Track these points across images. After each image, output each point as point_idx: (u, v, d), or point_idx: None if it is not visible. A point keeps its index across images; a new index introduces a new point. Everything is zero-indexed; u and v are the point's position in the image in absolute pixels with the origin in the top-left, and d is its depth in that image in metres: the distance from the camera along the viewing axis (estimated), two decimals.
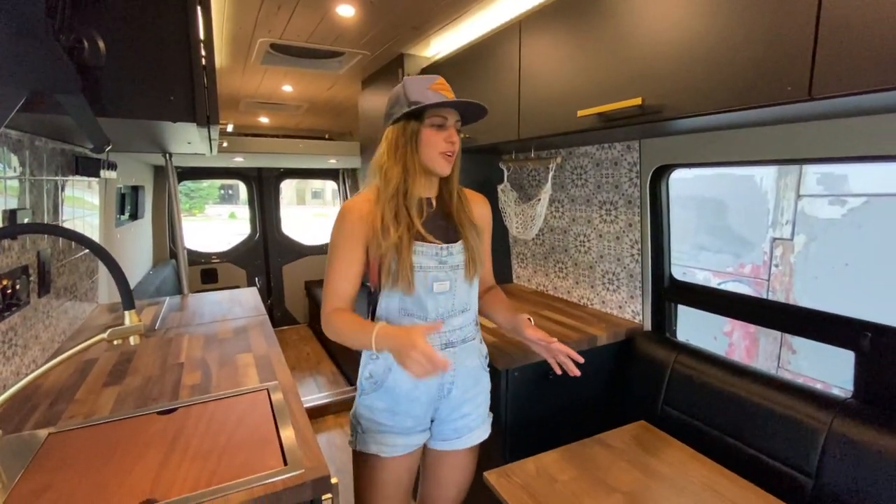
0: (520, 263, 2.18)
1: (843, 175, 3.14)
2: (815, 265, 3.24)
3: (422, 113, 1.00)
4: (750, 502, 0.98)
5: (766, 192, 3.58)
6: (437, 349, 1.04)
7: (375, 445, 1.08)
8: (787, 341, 3.40)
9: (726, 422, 1.22)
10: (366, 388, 1.09)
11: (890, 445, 0.94)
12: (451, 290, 1.06)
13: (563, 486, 1.03)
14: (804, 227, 3.35)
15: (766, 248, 3.59)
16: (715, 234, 3.95)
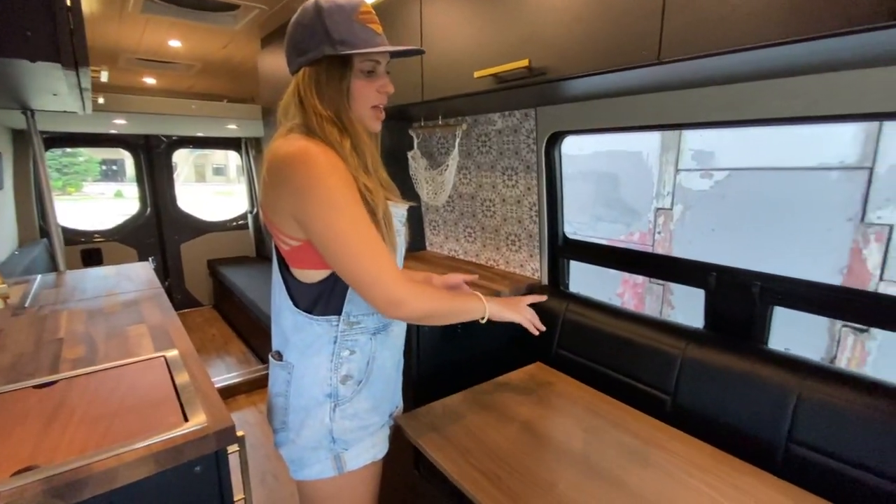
0: (432, 231, 2.24)
1: (712, 152, 3.59)
2: (689, 231, 3.70)
3: (350, 56, 0.80)
4: (621, 417, 1.15)
5: (652, 167, 3.99)
6: (401, 323, 0.97)
7: (371, 451, 0.93)
8: (667, 299, 3.88)
9: (607, 357, 1.40)
10: (344, 396, 0.88)
11: (729, 363, 1.15)
12: (401, 256, 0.97)
13: (468, 422, 1.12)
14: (681, 197, 3.80)
15: (651, 217, 4.03)
16: (610, 205, 4.33)
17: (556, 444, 1.05)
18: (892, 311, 0.99)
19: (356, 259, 0.77)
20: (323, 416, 0.87)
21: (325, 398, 0.87)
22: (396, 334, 0.96)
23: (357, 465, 0.90)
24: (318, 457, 0.88)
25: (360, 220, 0.77)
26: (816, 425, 0.99)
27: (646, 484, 0.91)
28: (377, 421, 0.93)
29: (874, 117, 0.96)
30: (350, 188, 0.77)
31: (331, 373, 0.86)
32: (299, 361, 0.88)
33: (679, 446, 1.03)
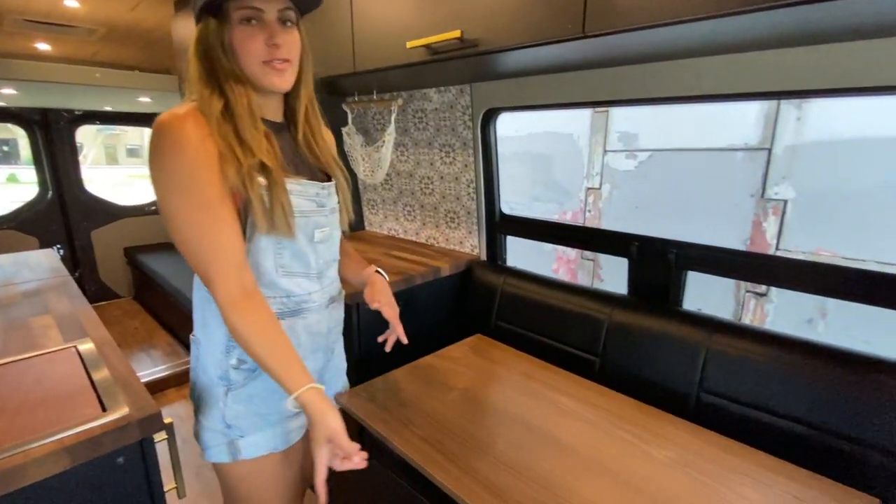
0: (371, 210, 2.21)
1: (636, 134, 3.81)
2: (616, 209, 3.92)
3: (221, 5, 0.73)
4: (555, 380, 1.22)
5: (582, 148, 4.17)
6: (322, 307, 0.91)
7: (270, 442, 0.89)
8: (597, 273, 4.12)
9: (542, 325, 1.47)
10: (235, 382, 0.84)
11: (649, 324, 1.25)
12: (330, 239, 0.92)
13: (410, 394, 1.13)
14: (609, 177, 4.01)
15: (582, 196, 4.22)
16: (545, 185, 4.49)
17: (494, 408, 1.09)
18: (784, 271, 1.13)
19: (191, 250, 0.73)
20: (217, 399, 0.85)
21: (219, 381, 0.84)
22: (316, 320, 0.90)
23: (252, 454, 0.86)
24: (215, 440, 0.86)
25: (207, 206, 0.71)
26: (722, 375, 1.11)
27: (577, 438, 0.98)
28: (279, 411, 0.87)
29: (770, 96, 1.07)
30: (204, 167, 0.70)
31: (224, 355, 0.83)
32: (203, 338, 0.86)
33: (606, 402, 1.12)
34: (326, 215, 0.88)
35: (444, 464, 0.89)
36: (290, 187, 0.79)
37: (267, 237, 0.79)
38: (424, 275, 1.56)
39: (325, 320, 0.93)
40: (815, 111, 2.73)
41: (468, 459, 0.90)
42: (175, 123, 0.70)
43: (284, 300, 0.85)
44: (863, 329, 2.37)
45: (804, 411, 1.00)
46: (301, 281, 0.86)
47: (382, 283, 1.07)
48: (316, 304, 0.89)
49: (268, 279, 0.82)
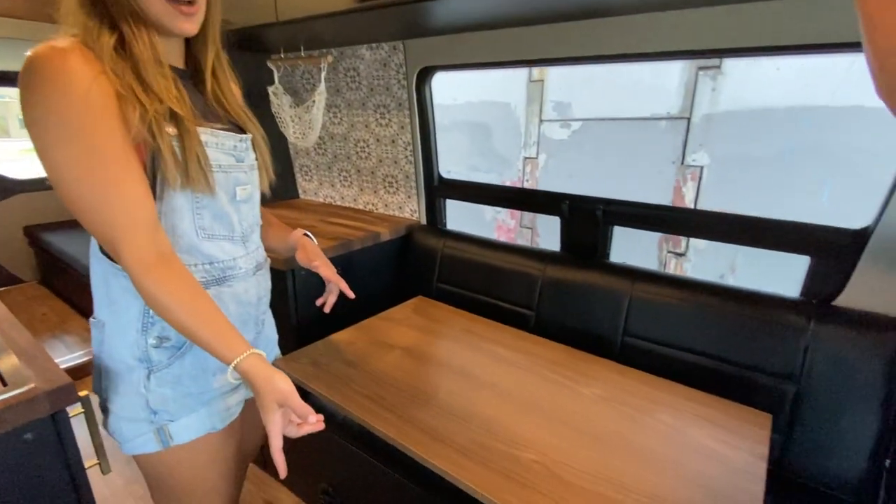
0: (304, 176, 2.12)
1: (569, 103, 3.92)
2: (552, 178, 4.04)
3: None
4: (493, 333, 1.27)
5: (519, 117, 4.22)
6: (249, 273, 0.84)
7: (207, 422, 0.81)
8: (535, 241, 4.26)
9: (481, 285, 1.50)
10: (158, 362, 0.75)
11: (579, 277, 1.32)
12: (252, 199, 0.83)
13: (350, 355, 1.13)
14: (545, 147, 4.11)
15: (520, 166, 4.31)
16: (484, 155, 4.52)
17: (435, 362, 1.11)
18: (697, 222, 1.23)
19: (89, 210, 0.63)
20: (137, 383, 0.75)
21: (137, 363, 0.75)
22: (244, 289, 0.83)
23: (188, 437, 0.79)
24: (138, 429, 0.77)
25: (105, 155, 0.61)
26: (642, 319, 1.21)
27: (514, 383, 1.03)
28: (215, 388, 0.81)
29: (693, 55, 1.14)
30: (99, 109, 0.60)
31: (140, 334, 0.73)
32: (109, 318, 0.75)
33: (540, 349, 1.18)
34: (246, 171, 0.81)
35: (386, 416, 0.90)
36: (205, 139, 0.71)
37: (183, 195, 0.70)
38: (363, 240, 1.54)
39: (253, 288, 0.86)
40: (729, 82, 2.93)
41: (410, 410, 0.92)
42: (56, 57, 0.58)
43: (207, 267, 0.76)
44: (764, 282, 2.66)
45: (711, 346, 1.11)
46: (224, 245, 0.78)
47: (313, 245, 1.03)
48: (242, 270, 0.82)
49: (187, 243, 0.73)
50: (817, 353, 1.00)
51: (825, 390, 0.99)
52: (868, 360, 0.95)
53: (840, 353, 0.98)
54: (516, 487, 0.73)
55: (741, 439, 0.84)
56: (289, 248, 1.02)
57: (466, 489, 0.73)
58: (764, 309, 1.07)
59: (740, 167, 2.98)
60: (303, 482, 1.56)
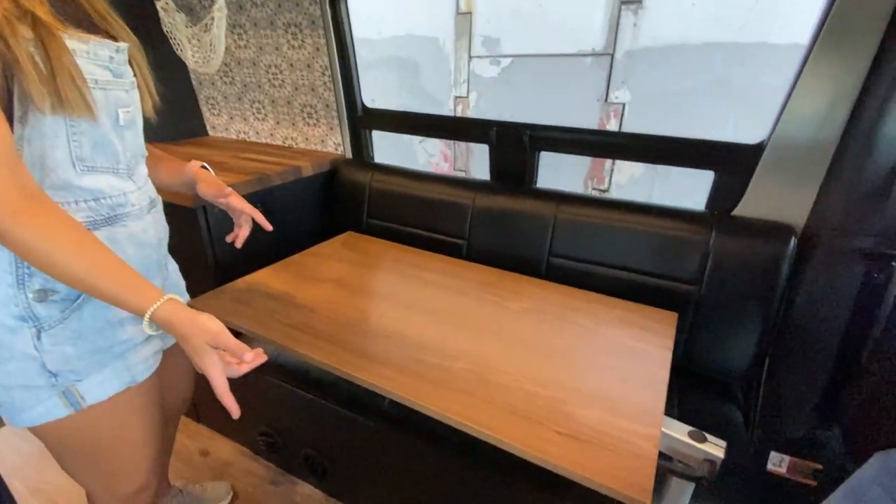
0: (212, 111, 1.91)
1: (498, 38, 3.82)
2: (483, 116, 3.99)
3: None
4: (425, 262, 1.26)
5: (448, 54, 4.06)
6: (144, 211, 0.74)
7: (125, 375, 0.74)
8: (469, 170, 4.26)
9: (413, 217, 1.48)
10: (48, 318, 0.65)
11: (508, 204, 1.34)
12: (135, 124, 0.72)
13: (276, 289, 1.08)
14: (475, 85, 4.02)
15: (451, 105, 4.20)
16: (413, 94, 4.35)
17: (367, 290, 1.10)
18: (620, 144, 1.27)
19: None
20: (24, 345, 0.65)
21: (20, 323, 0.64)
22: (141, 228, 0.74)
23: (103, 395, 0.71)
24: (36, 396, 0.68)
25: None
26: (566, 239, 1.26)
27: (445, 304, 1.04)
28: (125, 340, 0.73)
29: None
30: None
31: (15, 289, 0.63)
32: None
33: (471, 273, 1.20)
34: (127, 90, 0.69)
35: (317, 343, 0.88)
36: (73, 46, 0.59)
37: (53, 118, 0.59)
38: (283, 175, 1.44)
39: (151, 228, 0.77)
40: (649, 17, 2.98)
41: (341, 336, 0.90)
42: None
43: (92, 204, 0.66)
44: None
45: (628, 259, 1.19)
46: (110, 179, 0.68)
47: (215, 178, 0.93)
48: (136, 207, 0.72)
49: (61, 178, 0.62)
50: (716, 259, 1.10)
51: (722, 292, 1.10)
52: (758, 263, 1.06)
53: (735, 258, 1.09)
54: (449, 392, 0.75)
55: (651, 335, 0.92)
56: (185, 182, 0.92)
57: (402, 400, 0.74)
58: (673, 222, 1.15)
59: (658, 103, 3.11)
60: (239, 428, 1.53)
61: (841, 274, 1.00)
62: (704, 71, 2.82)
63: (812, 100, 1.00)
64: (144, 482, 0.83)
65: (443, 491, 1.11)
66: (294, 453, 1.36)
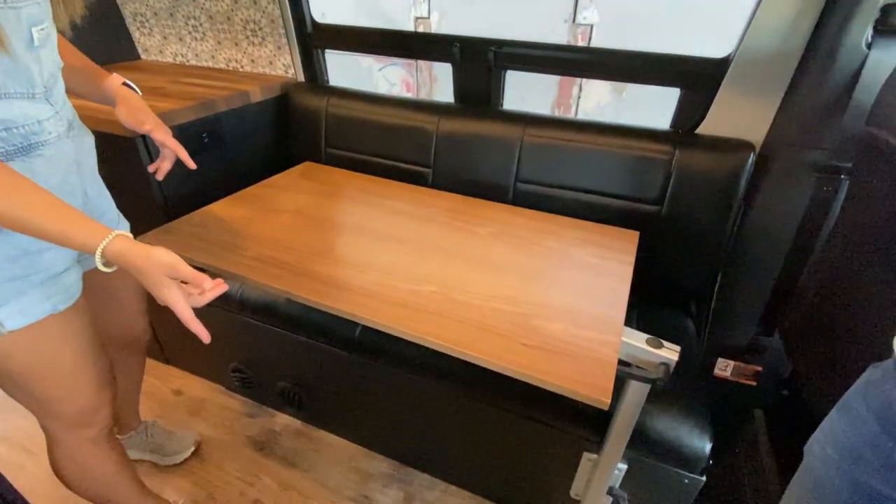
0: (141, 30, 1.70)
1: None
2: None
3: None
4: (390, 191, 1.23)
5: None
6: (62, 136, 0.70)
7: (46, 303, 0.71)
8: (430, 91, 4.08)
9: (374, 145, 1.41)
10: None
11: (474, 128, 1.29)
12: (50, 41, 0.66)
13: (233, 222, 1.02)
14: (437, 4, 3.74)
15: (411, 26, 3.92)
16: (370, 15, 4.02)
17: (331, 220, 1.06)
18: (587, 61, 1.22)
19: None
20: None
21: None
22: (60, 155, 0.70)
23: (22, 322, 0.68)
24: None
25: None
26: (533, 164, 1.24)
27: (413, 232, 1.02)
28: (45, 269, 0.70)
29: None
30: None
31: None
32: None
33: (438, 201, 1.17)
34: (40, 3, 0.62)
35: (281, 274, 0.85)
36: None
37: None
38: (229, 100, 1.32)
39: (71, 152, 0.73)
40: None
41: (306, 265, 0.88)
42: None
43: (3, 135, 0.61)
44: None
45: (594, 182, 1.19)
46: (24, 105, 0.63)
47: (139, 100, 0.86)
48: (53, 134, 0.68)
49: None
50: (678, 178, 1.12)
51: (682, 210, 1.13)
52: (717, 180, 1.09)
53: (695, 176, 1.10)
54: (418, 314, 0.75)
55: (614, 252, 0.95)
56: (103, 97, 0.85)
57: (375, 325, 0.74)
58: (639, 141, 1.15)
59: (626, 24, 3.00)
60: (210, 366, 1.52)
61: (793, 188, 1.04)
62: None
63: (778, 10, 0.97)
64: (86, 406, 0.83)
65: (418, 412, 1.16)
66: (269, 387, 1.38)
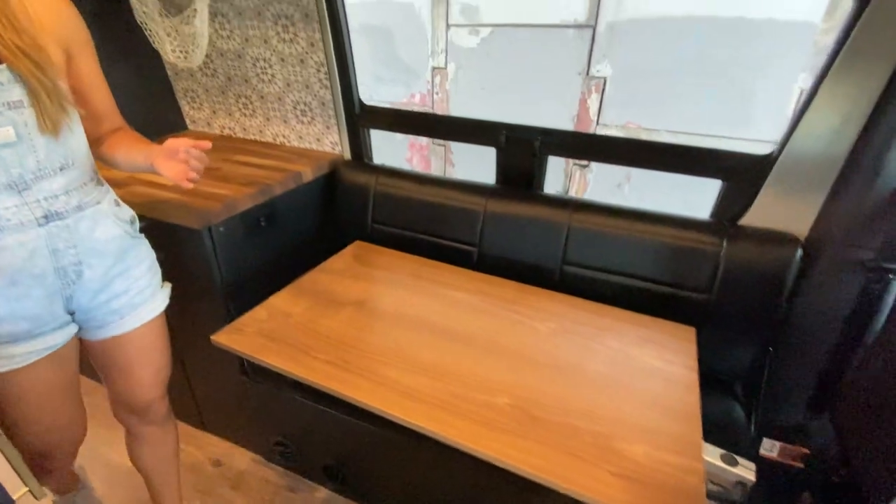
0: (191, 104, 1.77)
1: (476, 6, 3.66)
2: (463, 90, 3.89)
3: None
4: (441, 275, 1.26)
5: (425, 21, 3.88)
6: (29, 225, 0.76)
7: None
8: (449, 159, 4.20)
9: (421, 222, 1.45)
10: None
11: (519, 210, 1.33)
12: (25, 141, 0.74)
13: (299, 317, 1.05)
14: (454, 55, 3.88)
15: (428, 77, 4.06)
16: (388, 64, 4.16)
17: (391, 314, 1.09)
18: (626, 151, 1.27)
19: None
20: None
21: None
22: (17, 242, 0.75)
23: None
24: None
25: None
26: (580, 247, 1.27)
27: (473, 326, 1.05)
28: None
29: None
30: None
31: None
32: None
33: (492, 288, 1.20)
34: (1, 112, 0.70)
35: (355, 381, 0.87)
36: None
37: None
38: (284, 183, 1.37)
39: (40, 238, 0.78)
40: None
41: (376, 369, 0.90)
42: None
43: None
44: (652, 190, 2.95)
45: (641, 268, 1.22)
46: None
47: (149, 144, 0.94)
48: (12, 222, 0.74)
49: None
50: (727, 268, 1.15)
51: (731, 299, 1.16)
52: (766, 272, 1.12)
53: (744, 267, 1.14)
54: (498, 434, 0.77)
55: (675, 354, 0.97)
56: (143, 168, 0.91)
57: (455, 444, 0.75)
58: (685, 231, 1.19)
59: (639, 78, 3.10)
60: (251, 435, 1.52)
61: (841, 282, 1.07)
62: (685, 47, 2.82)
63: (826, 116, 1.02)
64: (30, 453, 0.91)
65: (469, 500, 1.16)
66: (312, 462, 1.38)
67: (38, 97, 0.72)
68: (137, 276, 0.92)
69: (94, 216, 0.84)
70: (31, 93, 0.72)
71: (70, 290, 0.84)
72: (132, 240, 0.92)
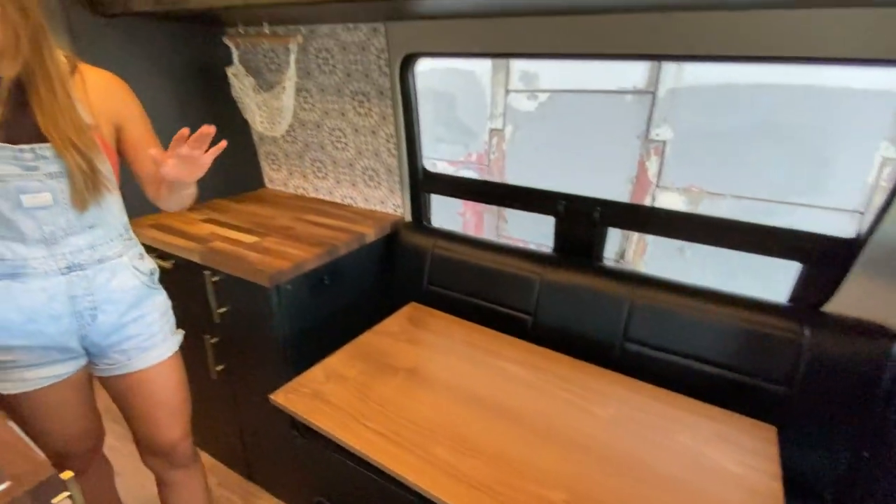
0: (271, 165, 1.94)
1: (536, 73, 3.82)
2: (519, 150, 3.99)
3: None
4: (495, 345, 1.24)
5: (485, 87, 4.08)
6: (53, 273, 0.86)
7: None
8: (502, 214, 4.25)
9: (475, 287, 1.46)
10: None
11: (577, 280, 1.30)
12: (60, 205, 0.84)
13: (354, 380, 1.06)
14: (511, 118, 4.02)
15: (486, 137, 4.21)
16: (448, 125, 4.37)
17: (443, 385, 1.07)
18: (692, 227, 1.23)
19: None
20: None
21: None
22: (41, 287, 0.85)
23: None
24: None
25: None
26: (643, 324, 1.22)
27: (525, 404, 1.01)
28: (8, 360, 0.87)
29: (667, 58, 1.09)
30: None
31: None
32: None
33: (546, 363, 1.16)
34: (42, 180, 0.81)
35: (404, 456, 0.86)
36: None
37: None
38: (349, 243, 1.44)
39: (58, 286, 0.87)
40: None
41: (427, 447, 0.88)
42: None
43: None
44: (714, 257, 2.80)
45: (710, 351, 1.14)
46: (14, 246, 0.82)
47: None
48: (40, 270, 0.85)
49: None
50: (812, 360, 1.04)
51: (817, 394, 1.04)
52: (857, 366, 1.01)
53: (832, 359, 1.03)
54: None
55: (756, 458, 0.88)
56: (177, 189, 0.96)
57: None
58: (760, 315, 1.11)
59: (701, 142, 3.04)
60: (293, 491, 1.51)
61: None
62: (750, 112, 2.75)
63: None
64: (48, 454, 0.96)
65: None
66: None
67: (74, 178, 0.82)
68: (150, 323, 1.00)
69: (113, 268, 0.93)
70: (69, 174, 0.82)
71: (85, 331, 0.92)
72: (149, 290, 1.00)
